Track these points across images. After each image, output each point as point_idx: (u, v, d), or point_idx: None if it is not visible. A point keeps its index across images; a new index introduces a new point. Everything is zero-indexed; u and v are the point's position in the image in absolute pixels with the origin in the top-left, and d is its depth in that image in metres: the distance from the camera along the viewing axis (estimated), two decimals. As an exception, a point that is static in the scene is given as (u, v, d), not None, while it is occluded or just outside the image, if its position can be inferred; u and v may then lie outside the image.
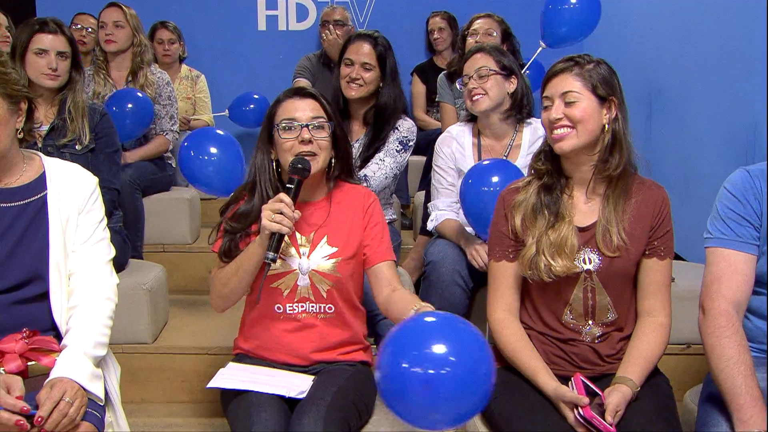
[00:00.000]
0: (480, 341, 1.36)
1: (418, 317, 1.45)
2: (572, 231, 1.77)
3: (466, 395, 1.32)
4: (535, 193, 1.82)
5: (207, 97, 4.44)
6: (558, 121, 1.75)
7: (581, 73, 1.75)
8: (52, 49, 2.54)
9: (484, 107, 2.51)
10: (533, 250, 1.77)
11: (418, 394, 1.29)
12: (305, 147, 1.84)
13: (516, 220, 1.82)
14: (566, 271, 1.75)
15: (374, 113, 2.68)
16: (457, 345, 1.32)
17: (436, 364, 1.29)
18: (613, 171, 1.76)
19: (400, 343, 1.35)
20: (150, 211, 3.24)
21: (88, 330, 1.65)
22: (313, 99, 1.90)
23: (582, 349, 1.81)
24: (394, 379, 1.32)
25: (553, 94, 1.77)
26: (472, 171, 2.38)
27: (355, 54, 2.66)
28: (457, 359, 1.30)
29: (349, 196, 1.97)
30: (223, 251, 1.89)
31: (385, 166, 2.65)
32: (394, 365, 1.31)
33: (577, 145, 1.75)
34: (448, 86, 3.67)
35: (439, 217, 2.59)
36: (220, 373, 1.84)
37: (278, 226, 1.73)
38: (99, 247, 1.77)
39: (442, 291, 2.39)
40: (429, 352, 1.30)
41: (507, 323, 1.84)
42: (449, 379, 1.29)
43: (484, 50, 2.56)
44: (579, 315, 1.81)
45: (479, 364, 1.33)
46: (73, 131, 2.53)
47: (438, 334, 1.34)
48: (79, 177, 1.80)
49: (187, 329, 2.79)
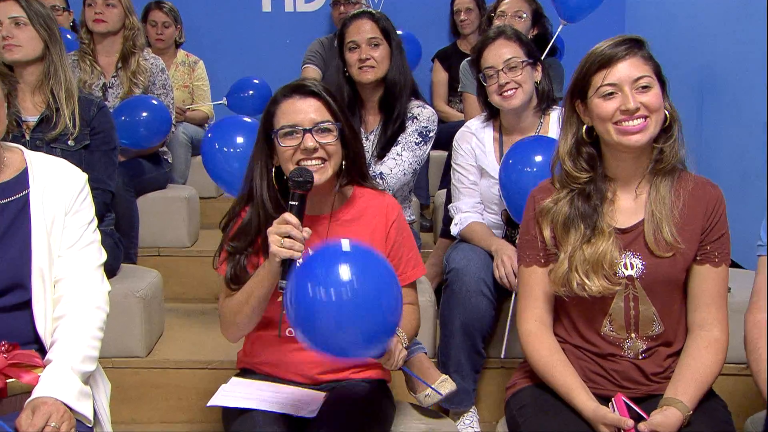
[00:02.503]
0: (387, 270, 1.59)
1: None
2: (612, 244, 1.75)
3: (368, 315, 1.51)
4: (568, 202, 1.80)
5: (206, 85, 4.43)
6: (636, 111, 1.71)
7: (646, 55, 1.74)
8: (2, 15, 2.45)
9: (519, 102, 2.48)
10: (565, 267, 1.77)
11: (322, 313, 1.50)
12: (309, 156, 1.80)
13: (545, 231, 1.81)
14: (603, 291, 1.74)
15: (383, 92, 2.70)
16: (361, 269, 1.53)
17: (339, 285, 1.49)
18: (668, 162, 1.75)
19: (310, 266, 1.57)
20: (144, 212, 3.25)
21: (76, 342, 1.65)
22: (316, 98, 1.83)
23: (624, 365, 1.80)
24: (301, 302, 1.52)
25: (622, 81, 1.72)
26: (513, 150, 2.37)
27: (357, 34, 2.67)
28: (361, 282, 1.50)
29: (370, 209, 1.94)
30: (230, 278, 1.86)
31: (403, 161, 2.66)
32: (302, 286, 1.52)
33: (652, 137, 1.74)
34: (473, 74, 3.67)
35: (463, 221, 2.58)
36: (222, 389, 1.85)
37: (289, 252, 1.67)
38: (88, 252, 1.76)
39: (465, 301, 2.38)
40: (335, 274, 1.51)
41: (539, 335, 1.83)
42: (351, 300, 1.49)
43: (507, 36, 2.50)
44: (620, 327, 1.80)
45: (382, 290, 1.55)
46: (63, 122, 2.47)
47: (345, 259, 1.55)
48: (66, 173, 1.79)
49: (185, 341, 2.80)
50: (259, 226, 1.84)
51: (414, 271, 1.98)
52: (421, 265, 2.01)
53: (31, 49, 2.48)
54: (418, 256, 2.01)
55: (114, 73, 3.38)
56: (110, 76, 3.38)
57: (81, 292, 1.71)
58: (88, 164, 2.51)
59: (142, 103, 3.29)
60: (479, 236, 2.52)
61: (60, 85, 2.49)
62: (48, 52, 2.49)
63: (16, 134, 2.44)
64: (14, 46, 2.46)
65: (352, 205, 1.95)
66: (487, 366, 2.55)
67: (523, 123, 2.56)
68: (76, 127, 2.50)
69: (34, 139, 2.49)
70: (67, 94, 2.50)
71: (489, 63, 2.50)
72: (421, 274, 2.02)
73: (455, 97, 4.39)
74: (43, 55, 2.50)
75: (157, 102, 3.32)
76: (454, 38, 4.75)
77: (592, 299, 1.79)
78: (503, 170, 2.38)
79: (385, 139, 2.67)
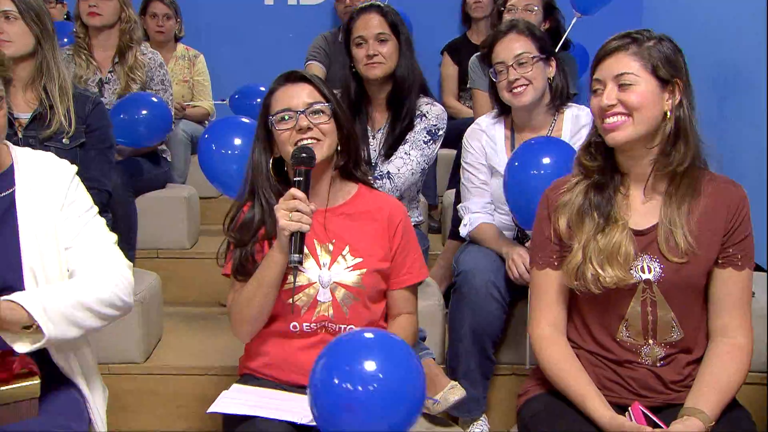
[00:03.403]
0: (408, 356, 1.55)
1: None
2: (627, 236, 1.75)
3: (391, 413, 1.48)
4: (582, 192, 1.81)
5: (207, 81, 4.43)
6: (611, 108, 1.73)
7: (639, 51, 1.74)
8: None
9: (529, 99, 2.48)
10: (579, 258, 1.77)
11: (344, 411, 1.47)
12: (305, 135, 1.88)
13: (560, 222, 1.81)
14: (618, 282, 1.74)
15: (391, 89, 2.70)
16: (383, 361, 1.50)
17: (364, 381, 1.47)
18: (677, 167, 1.74)
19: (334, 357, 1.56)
20: (142, 212, 3.23)
21: (65, 293, 1.63)
22: (306, 82, 1.95)
23: (641, 373, 1.79)
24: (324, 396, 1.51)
25: (606, 77, 1.75)
26: (519, 151, 2.36)
27: (364, 29, 2.67)
28: (383, 376, 1.48)
29: (374, 207, 1.99)
30: (237, 268, 1.91)
31: (411, 160, 2.66)
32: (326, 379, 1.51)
33: (632, 136, 1.73)
34: (482, 69, 3.66)
35: (473, 222, 2.58)
36: (223, 396, 1.85)
37: (297, 224, 1.77)
38: (97, 234, 1.77)
39: (474, 305, 2.38)
40: (359, 368, 1.49)
41: (552, 341, 1.83)
42: (373, 396, 1.46)
43: (519, 30, 2.51)
44: (637, 332, 1.79)
45: (403, 381, 1.51)
46: (57, 120, 2.46)
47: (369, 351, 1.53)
48: (53, 167, 1.79)
49: (184, 347, 2.81)
50: (262, 218, 1.91)
51: (417, 273, 2.02)
52: (425, 268, 2.06)
53: (22, 44, 2.45)
54: (421, 259, 2.05)
55: (110, 69, 3.37)
56: (106, 71, 3.37)
57: (100, 267, 1.72)
58: (84, 163, 2.49)
59: (141, 101, 3.28)
60: (489, 238, 2.52)
61: (53, 82, 2.47)
62: (40, 47, 2.46)
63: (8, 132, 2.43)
64: (4, 41, 2.42)
65: (355, 203, 2.00)
66: (497, 372, 2.55)
67: (534, 120, 2.56)
68: (71, 126, 2.49)
69: (27, 138, 2.47)
70: (61, 92, 2.48)
71: (499, 58, 2.51)
72: (424, 277, 2.06)
73: (465, 93, 4.38)
74: (34, 51, 2.47)
75: (157, 99, 3.32)
76: (465, 29, 4.74)
77: (608, 302, 1.79)
78: (508, 173, 2.37)
79: (393, 138, 2.67)
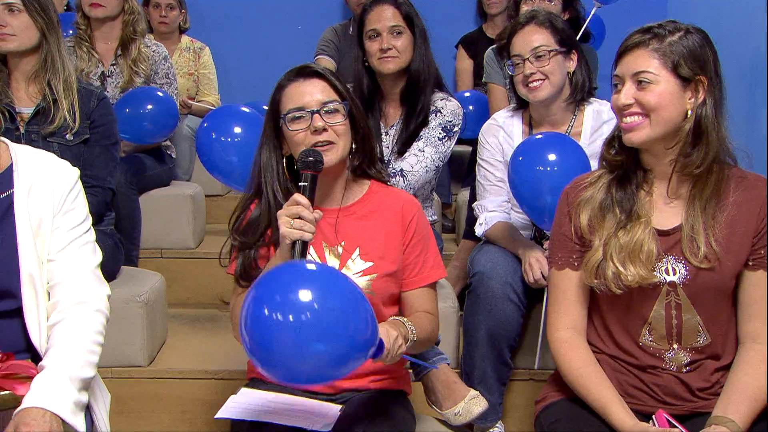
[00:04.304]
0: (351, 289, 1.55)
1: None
2: (650, 234, 1.74)
3: (331, 339, 1.47)
4: (604, 188, 1.80)
5: (212, 74, 4.43)
6: (628, 107, 1.72)
7: (660, 47, 1.71)
8: None
9: (546, 95, 2.47)
10: (599, 255, 1.76)
11: (281, 341, 1.46)
12: (319, 137, 1.85)
13: (582, 218, 1.81)
14: (640, 281, 1.73)
15: (405, 84, 2.70)
16: (323, 291, 1.49)
17: (298, 310, 1.45)
18: (695, 168, 1.72)
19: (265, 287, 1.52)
20: (146, 211, 3.26)
21: (73, 346, 1.63)
22: (320, 78, 1.90)
23: (666, 379, 1.78)
24: (257, 327, 1.48)
25: (624, 74, 1.73)
26: (522, 146, 2.36)
27: (378, 22, 2.67)
28: (321, 305, 1.47)
29: (386, 203, 1.97)
30: (240, 273, 1.90)
31: (426, 157, 2.65)
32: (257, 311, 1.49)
33: (649, 137, 1.72)
34: (498, 63, 3.65)
35: (488, 221, 2.58)
36: (231, 401, 1.84)
37: (299, 233, 1.72)
38: (83, 253, 1.76)
39: (491, 307, 2.38)
40: (293, 297, 1.47)
41: (572, 344, 1.83)
42: (311, 325, 1.45)
43: (539, 22, 2.49)
44: (660, 337, 1.78)
45: (347, 311, 1.51)
46: (61, 116, 2.47)
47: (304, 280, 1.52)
48: (55, 170, 1.78)
49: (190, 350, 2.82)
50: (269, 219, 1.88)
51: (433, 271, 1.99)
52: (442, 267, 2.03)
53: (27, 38, 2.46)
54: (438, 256, 2.02)
55: (113, 61, 3.38)
56: (109, 64, 3.38)
57: (78, 295, 1.70)
58: (87, 160, 2.52)
59: (147, 96, 3.30)
60: (506, 237, 2.51)
61: (58, 76, 2.48)
62: (45, 41, 2.47)
63: (9, 127, 2.45)
64: (7, 35, 2.44)
65: (367, 201, 1.98)
66: (514, 377, 2.55)
67: (553, 116, 2.55)
68: (76, 122, 2.50)
69: (30, 133, 2.49)
70: (66, 87, 2.49)
71: (516, 51, 2.50)
72: (441, 276, 2.03)
73: (481, 87, 4.37)
74: (39, 45, 2.48)
75: (163, 94, 3.33)
76: (481, 21, 4.74)
77: (630, 304, 1.78)
78: (512, 169, 2.36)
79: (407, 134, 2.67)
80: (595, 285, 1.78)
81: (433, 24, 2.81)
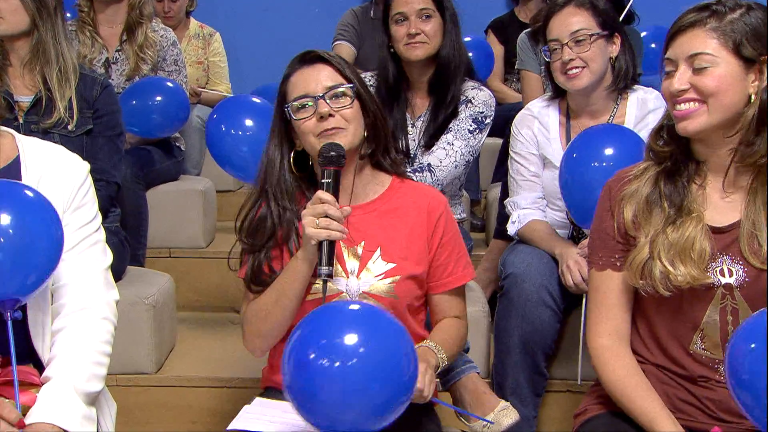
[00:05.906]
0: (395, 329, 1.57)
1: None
2: (702, 231, 1.71)
3: (377, 387, 1.48)
4: (651, 181, 1.78)
5: (223, 62, 4.47)
6: (682, 93, 1.69)
7: (719, 26, 1.68)
8: None
9: (586, 83, 2.45)
10: (646, 253, 1.73)
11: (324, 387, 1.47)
12: (327, 123, 1.84)
13: (626, 213, 1.78)
14: (692, 281, 1.70)
15: (434, 71, 2.69)
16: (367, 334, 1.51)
17: (345, 356, 1.47)
18: (761, 158, 1.69)
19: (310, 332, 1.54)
20: (153, 207, 3.27)
21: (79, 358, 1.65)
22: (324, 63, 1.90)
23: (720, 393, 1.74)
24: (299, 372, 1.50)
25: (678, 57, 1.70)
26: (577, 141, 2.35)
27: (405, 5, 2.66)
28: (366, 349, 1.49)
29: (409, 200, 1.96)
30: (251, 278, 1.89)
31: (455, 151, 2.64)
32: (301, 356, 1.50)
33: (707, 125, 1.69)
34: (532, 49, 3.65)
35: (522, 219, 2.57)
36: (245, 411, 1.85)
37: (326, 232, 1.72)
38: (92, 254, 1.76)
39: (525, 312, 2.38)
40: (339, 342, 1.48)
41: (614, 352, 1.80)
42: (356, 371, 1.47)
43: (578, 3, 2.48)
44: (714, 345, 1.75)
45: (392, 354, 1.52)
46: (58, 110, 2.46)
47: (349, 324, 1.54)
48: (65, 163, 1.78)
49: (200, 356, 2.83)
50: (275, 219, 1.88)
51: (462, 273, 1.98)
52: (471, 268, 2.02)
53: (15, 22, 2.43)
54: (466, 256, 2.01)
55: (118, 47, 3.39)
56: (114, 50, 3.39)
57: (84, 300, 1.71)
58: (91, 152, 2.52)
59: (156, 86, 3.31)
60: (541, 237, 2.50)
61: (51, 67, 2.45)
62: (35, 27, 2.44)
63: (8, 117, 2.45)
64: None
65: (388, 197, 1.96)
66: (550, 389, 2.54)
67: (593, 105, 2.53)
68: (73, 117, 2.50)
69: (29, 123, 2.49)
70: (62, 78, 2.46)
71: (553, 35, 2.48)
72: (471, 277, 2.03)
73: (512, 75, 4.37)
74: (30, 30, 2.45)
75: (173, 84, 3.34)
76: (512, 5, 4.75)
77: (680, 308, 1.75)
78: (565, 166, 2.36)
79: (435, 126, 2.67)
80: (641, 286, 1.75)
81: (461, 7, 2.80)
